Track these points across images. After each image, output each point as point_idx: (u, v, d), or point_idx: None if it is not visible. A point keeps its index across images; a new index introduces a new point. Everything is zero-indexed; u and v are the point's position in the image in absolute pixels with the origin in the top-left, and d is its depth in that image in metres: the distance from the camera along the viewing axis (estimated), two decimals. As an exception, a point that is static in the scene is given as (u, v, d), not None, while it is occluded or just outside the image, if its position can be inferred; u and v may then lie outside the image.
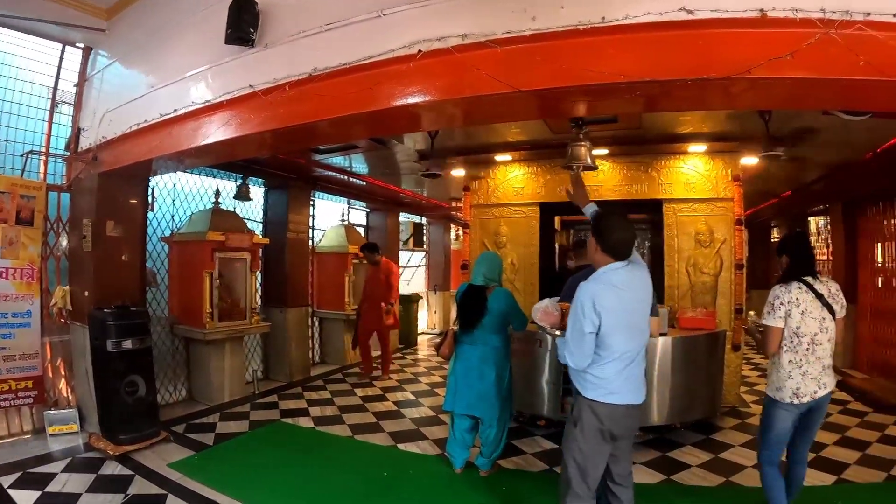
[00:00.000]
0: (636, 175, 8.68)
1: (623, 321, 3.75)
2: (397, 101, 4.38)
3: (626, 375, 3.81)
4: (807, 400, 4.35)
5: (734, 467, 6.24)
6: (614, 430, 3.84)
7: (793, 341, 4.39)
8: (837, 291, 4.52)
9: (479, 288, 5.82)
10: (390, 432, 7.32)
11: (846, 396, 9.38)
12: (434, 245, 17.73)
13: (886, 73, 3.58)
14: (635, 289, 3.85)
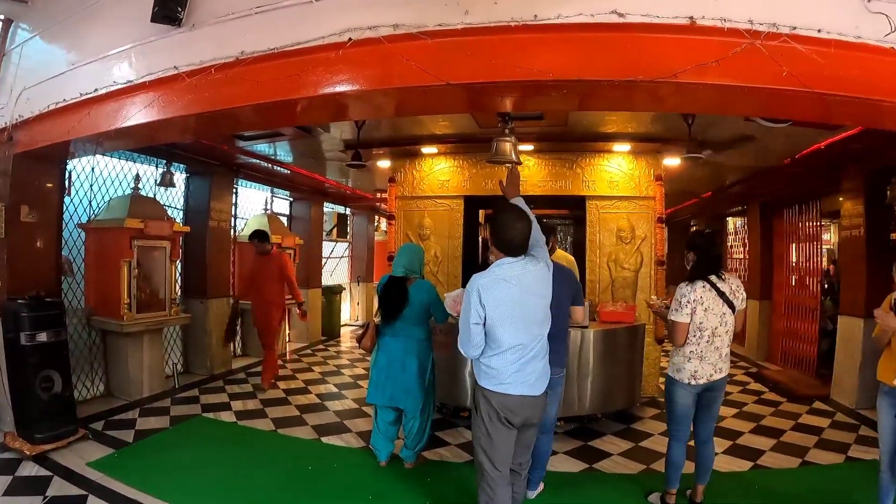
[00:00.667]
0: (561, 171, 8.79)
1: (511, 315, 3.80)
2: (325, 90, 4.30)
3: (521, 367, 3.88)
4: (703, 382, 4.71)
5: (654, 455, 6.41)
6: (510, 418, 3.93)
7: (696, 334, 4.70)
8: (738, 288, 4.84)
9: (400, 279, 5.78)
10: (314, 425, 7.24)
11: (761, 387, 9.79)
12: (358, 236, 17.63)
13: (807, 84, 3.76)
14: (527, 284, 3.87)
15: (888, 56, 3.88)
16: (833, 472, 6.17)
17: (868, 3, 3.84)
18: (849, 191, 8.97)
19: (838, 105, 4.17)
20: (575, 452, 6.51)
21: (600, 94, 4.22)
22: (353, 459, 6.20)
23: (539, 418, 4.17)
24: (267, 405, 8.06)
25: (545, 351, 4.05)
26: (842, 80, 3.86)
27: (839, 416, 8.10)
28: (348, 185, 13.30)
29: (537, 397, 4.00)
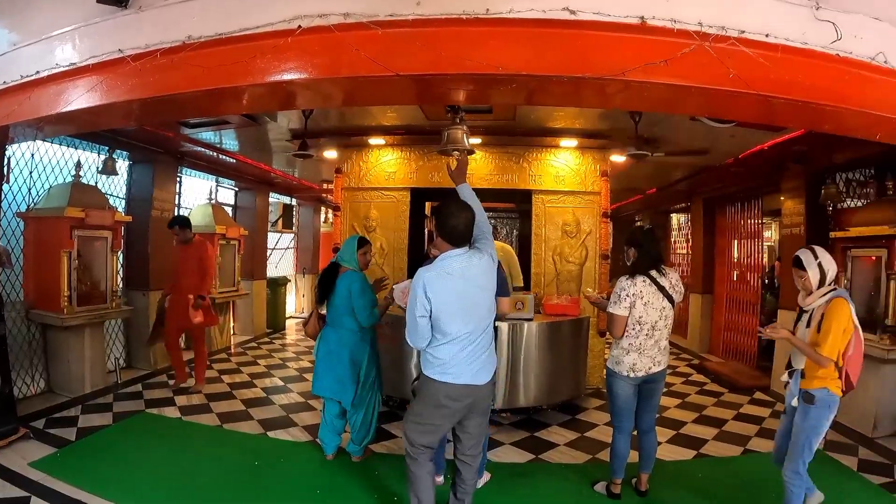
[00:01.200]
0: (508, 165, 8.87)
1: (456, 307, 3.91)
2: (273, 77, 4.23)
3: (465, 357, 3.97)
4: (642, 374, 4.85)
5: (599, 445, 6.51)
6: (453, 407, 4.05)
7: (634, 328, 4.80)
8: (677, 282, 4.97)
9: (334, 265, 5.82)
10: (260, 420, 7.12)
11: (703, 378, 10.06)
12: (303, 227, 17.40)
13: (753, 87, 3.88)
14: (471, 276, 3.96)
15: (833, 62, 4.05)
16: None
17: (816, 11, 3.99)
18: (790, 190, 9.21)
19: (783, 108, 4.30)
20: (521, 444, 6.54)
21: (550, 89, 4.26)
22: (300, 453, 6.13)
23: (483, 408, 4.23)
24: (212, 400, 7.89)
25: (490, 341, 4.16)
26: (787, 84, 3.98)
27: (779, 405, 8.29)
28: (295, 175, 13.12)
29: (482, 386, 4.08)
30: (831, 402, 4.36)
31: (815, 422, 4.41)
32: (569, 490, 5.44)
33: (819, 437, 4.47)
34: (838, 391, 4.35)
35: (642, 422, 5.13)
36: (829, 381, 4.33)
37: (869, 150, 6.82)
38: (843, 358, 4.30)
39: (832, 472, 6.02)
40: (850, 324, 4.28)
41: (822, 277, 4.46)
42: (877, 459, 6.37)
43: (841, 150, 7.43)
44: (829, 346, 4.21)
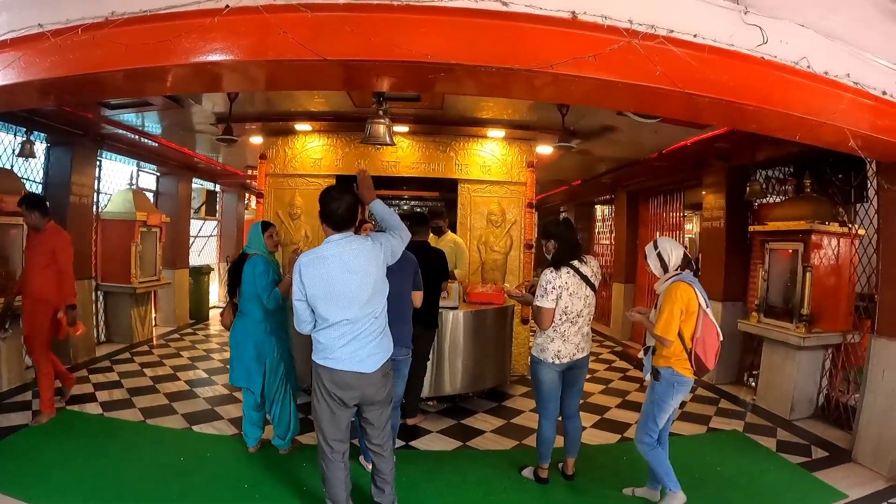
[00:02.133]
0: (434, 154, 8.89)
1: (332, 291, 3.87)
2: (198, 58, 4.08)
3: (349, 343, 3.95)
4: (566, 361, 4.94)
5: (526, 431, 6.59)
6: (341, 395, 4.01)
7: (560, 318, 4.87)
8: (598, 269, 5.11)
9: (242, 255, 5.69)
10: (184, 414, 6.91)
11: (626, 365, 10.30)
12: (227, 214, 17.04)
13: (678, 84, 3.98)
14: (347, 261, 3.91)
15: (757, 65, 4.21)
16: (696, 441, 6.63)
17: (744, 15, 4.13)
18: (711, 185, 9.50)
19: (707, 106, 4.45)
20: (448, 431, 6.57)
21: (479, 79, 4.25)
22: (225, 448, 5.97)
23: (380, 397, 4.17)
24: (134, 394, 7.59)
25: (378, 329, 4.10)
26: (712, 84, 4.11)
27: (700, 390, 8.68)
28: (219, 160, 12.82)
29: (370, 374, 4.03)
30: (676, 381, 4.61)
31: (659, 397, 4.70)
32: (497, 476, 5.47)
33: (664, 412, 4.72)
34: (686, 372, 4.59)
35: (567, 407, 5.23)
36: (674, 361, 4.60)
37: (789, 149, 7.12)
38: (692, 341, 4.53)
39: (752, 453, 6.29)
40: (690, 306, 4.53)
41: (662, 264, 4.79)
42: (795, 440, 6.68)
43: (762, 148, 7.68)
44: (661, 325, 4.52)
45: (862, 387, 6.11)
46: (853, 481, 5.55)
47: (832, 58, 4.53)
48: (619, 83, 4.02)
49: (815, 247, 7.18)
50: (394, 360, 4.54)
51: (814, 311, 7.17)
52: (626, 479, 5.29)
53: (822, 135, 5.02)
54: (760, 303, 7.93)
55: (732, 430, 6.96)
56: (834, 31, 4.54)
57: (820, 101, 4.52)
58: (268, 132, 8.93)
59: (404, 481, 5.12)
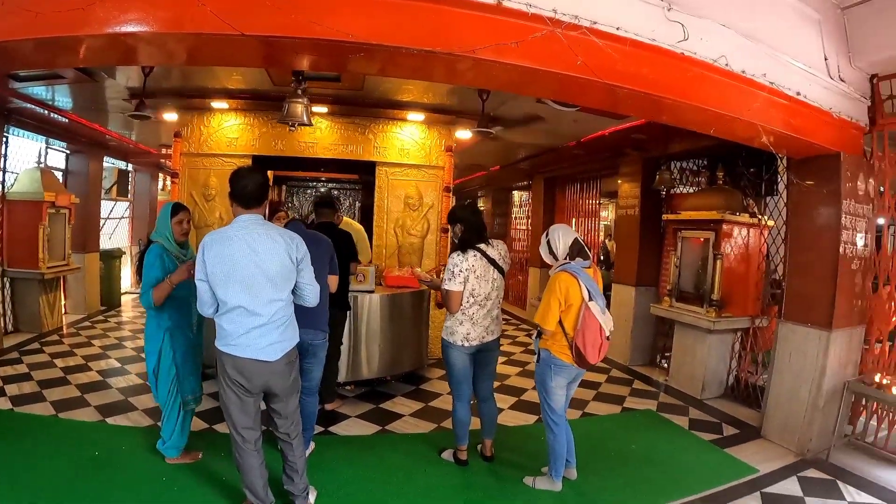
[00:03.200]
0: (353, 136, 8.75)
1: (231, 273, 3.78)
2: (113, 28, 3.86)
3: (250, 330, 3.85)
4: (476, 343, 5.03)
5: (444, 414, 6.63)
6: (244, 382, 3.92)
7: (468, 300, 4.96)
8: (506, 253, 5.19)
9: (149, 242, 5.10)
10: (97, 406, 6.58)
11: (544, 347, 10.28)
12: (140, 195, 16.35)
13: (598, 75, 4.06)
14: (252, 244, 3.83)
15: (677, 60, 4.34)
16: (611, 421, 6.87)
17: (668, 11, 4.24)
18: (627, 174, 9.71)
19: (626, 97, 4.54)
20: (367, 416, 6.54)
21: (400, 61, 4.20)
22: (142, 440, 5.70)
23: (285, 385, 4.11)
24: (45, 387, 7.15)
25: (283, 319, 4.00)
26: (632, 76, 4.21)
27: (615, 372, 8.97)
28: (132, 138, 12.33)
29: (271, 363, 3.94)
30: (553, 363, 4.75)
31: (540, 376, 4.89)
32: (417, 460, 5.49)
33: (550, 394, 4.85)
34: (565, 357, 4.69)
35: (481, 390, 5.32)
36: (551, 344, 4.75)
37: (704, 142, 7.31)
38: (574, 332, 4.62)
39: (666, 431, 6.54)
40: (570, 297, 4.59)
41: (551, 252, 4.81)
42: (706, 419, 6.97)
43: (678, 140, 7.90)
44: (539, 314, 4.68)
45: (770, 368, 6.45)
46: (763, 456, 5.84)
47: (750, 58, 4.71)
48: (541, 71, 4.05)
49: (726, 236, 7.47)
50: (311, 345, 4.79)
51: (724, 297, 7.45)
52: (543, 460, 5.29)
53: (736, 130, 5.25)
54: (673, 288, 8.18)
55: (646, 410, 7.19)
56: (755, 32, 4.73)
57: (736, 98, 4.70)
58: (183, 109, 8.61)
59: (324, 467, 5.10)
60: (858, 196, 5.96)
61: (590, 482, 5.16)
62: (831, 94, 5.55)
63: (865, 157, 6.10)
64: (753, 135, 5.16)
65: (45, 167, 10.64)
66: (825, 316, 5.83)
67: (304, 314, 4.36)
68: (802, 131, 5.33)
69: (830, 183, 5.84)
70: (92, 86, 7.62)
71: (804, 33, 5.34)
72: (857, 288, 6.04)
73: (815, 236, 6.02)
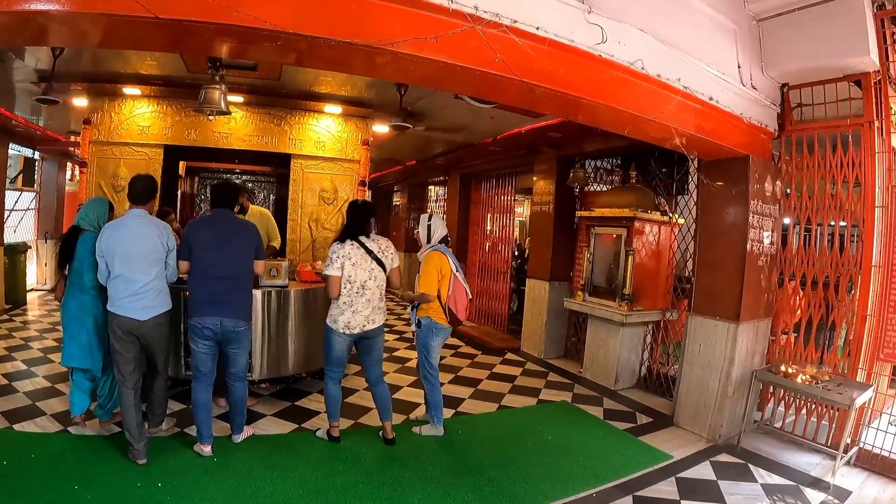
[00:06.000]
0: (268, 127, 8.67)
1: (116, 251, 4.96)
2: (21, 6, 3.72)
3: (128, 295, 4.99)
4: (357, 331, 5.47)
5: (360, 410, 6.67)
6: (125, 336, 5.03)
7: (346, 286, 5.41)
8: (387, 248, 5.64)
9: (74, 229, 5.60)
10: (3, 412, 6.19)
11: (458, 342, 10.54)
12: (47, 185, 15.54)
13: (516, 73, 4.14)
14: (133, 230, 5.03)
15: (594, 62, 4.47)
16: (527, 413, 7.00)
17: (588, 14, 4.35)
18: (542, 171, 9.89)
19: (543, 96, 4.61)
20: (283, 413, 6.49)
21: (318, 51, 4.14)
22: (51, 446, 5.47)
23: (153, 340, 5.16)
24: None
25: (157, 289, 5.13)
26: (550, 75, 4.30)
27: (530, 365, 9.14)
28: (39, 124, 11.89)
29: (144, 322, 5.03)
30: (434, 326, 5.80)
31: (424, 339, 5.86)
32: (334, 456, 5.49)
33: (430, 352, 5.86)
34: (442, 321, 5.78)
35: (370, 374, 5.78)
36: (431, 311, 5.78)
37: (618, 142, 7.53)
38: (447, 297, 5.71)
39: (581, 421, 6.70)
40: (443, 270, 5.72)
41: (427, 236, 5.93)
42: (620, 408, 7.19)
43: (593, 139, 8.07)
44: (422, 284, 5.69)
45: (681, 359, 6.72)
46: (677, 443, 6.09)
47: (666, 63, 4.87)
48: (459, 67, 4.07)
49: (637, 233, 7.70)
50: (234, 332, 5.26)
51: (635, 291, 7.68)
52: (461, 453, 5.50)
53: (650, 131, 5.42)
54: (586, 283, 8.36)
55: (562, 401, 7.34)
56: (672, 39, 4.90)
57: (650, 100, 4.85)
58: (94, 94, 8.26)
59: (241, 469, 5.08)
60: (766, 197, 6.25)
61: (507, 473, 5.23)
62: (743, 101, 5.82)
63: (774, 160, 6.41)
64: (666, 136, 5.34)
65: None
66: (733, 309, 6.12)
67: (227, 303, 5.18)
68: (714, 134, 5.56)
69: (739, 184, 6.11)
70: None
71: (719, 42, 5.57)
72: (763, 283, 6.34)
73: (724, 234, 6.29)
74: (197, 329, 5.19)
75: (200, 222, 5.63)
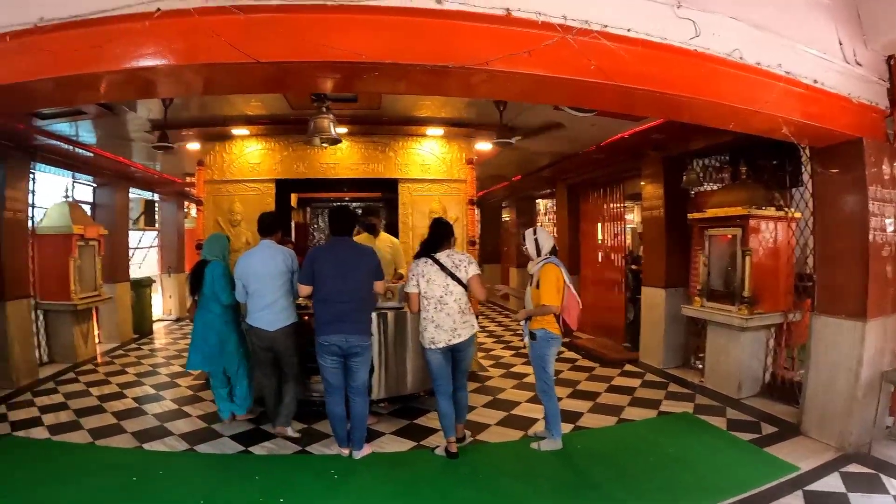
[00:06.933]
0: (373, 154, 8.85)
1: (251, 273, 6.06)
2: (130, 63, 3.97)
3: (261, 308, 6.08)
4: (442, 346, 5.66)
5: (478, 427, 6.63)
6: (258, 343, 6.23)
7: (424, 302, 5.71)
8: (461, 260, 5.76)
9: (202, 262, 6.67)
10: (133, 432, 6.61)
11: (575, 355, 10.43)
12: (167, 224, 16.30)
13: (612, 78, 4.08)
14: (263, 257, 6.11)
15: (690, 57, 4.34)
16: (647, 426, 6.81)
17: (677, 9, 4.24)
18: (650, 175, 9.66)
19: (642, 98, 4.54)
20: (401, 432, 6.54)
21: (414, 78, 4.25)
22: (178, 463, 5.80)
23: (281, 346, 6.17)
24: (81, 415, 7.22)
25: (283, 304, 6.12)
26: (646, 76, 4.22)
27: (649, 375, 8.90)
28: (156, 168, 12.48)
29: (272, 331, 6.07)
30: (549, 337, 5.82)
31: (539, 351, 5.88)
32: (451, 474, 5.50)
33: (546, 363, 5.88)
34: (556, 330, 5.81)
35: (455, 382, 5.89)
36: (545, 323, 5.80)
37: (723, 138, 7.29)
38: (560, 308, 5.72)
39: (703, 433, 6.45)
40: (559, 282, 5.73)
41: (537, 249, 5.96)
42: (744, 418, 6.86)
43: (697, 138, 7.85)
44: (546, 296, 5.67)
45: (806, 363, 6.32)
46: (803, 453, 5.73)
47: (764, 49, 4.68)
48: (555, 78, 4.08)
49: (753, 231, 7.38)
50: (359, 347, 5.64)
51: (755, 293, 7.36)
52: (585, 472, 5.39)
53: (755, 123, 5.21)
54: (703, 287, 8.11)
55: (683, 413, 7.10)
56: (765, 23, 4.70)
57: (752, 91, 4.67)
58: (205, 138, 8.74)
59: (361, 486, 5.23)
60: (884, 181, 5.83)
61: (627, 489, 5.11)
62: (849, 79, 5.46)
63: (888, 140, 5.93)
64: (773, 126, 5.13)
65: (72, 201, 10.81)
66: (858, 306, 5.72)
67: (351, 322, 5.58)
68: (822, 119, 5.26)
69: (854, 169, 5.74)
70: (114, 120, 7.77)
71: (815, 19, 5.27)
72: (890, 275, 5.90)
73: (843, 225, 5.91)
74: (324, 346, 5.60)
75: (320, 251, 5.94)
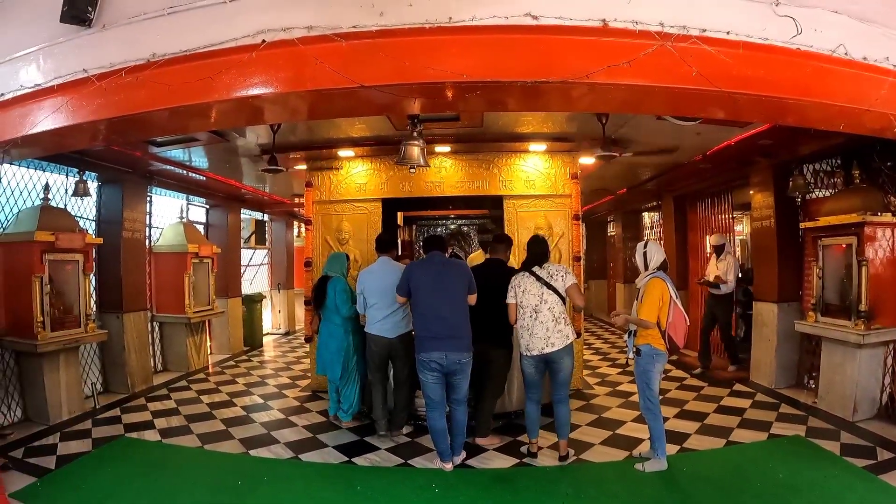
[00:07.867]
0: (478, 172, 8.93)
1: (372, 287, 6.72)
2: (238, 93, 4.25)
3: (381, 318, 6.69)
4: (536, 353, 5.93)
5: (583, 446, 6.58)
6: (376, 349, 6.81)
7: (520, 312, 6.05)
8: (557, 271, 6.06)
9: (324, 277, 7.49)
10: (240, 439, 7.03)
11: (683, 374, 10.11)
12: (277, 243, 17.12)
13: (715, 84, 3.98)
14: (382, 273, 6.69)
15: (793, 56, 4.18)
16: (756, 449, 6.50)
17: (776, 7, 4.10)
18: (758, 184, 9.37)
19: (747, 103, 4.41)
20: (504, 448, 6.56)
21: (514, 94, 4.31)
22: (282, 471, 6.04)
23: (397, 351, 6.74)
24: (192, 421, 7.75)
25: (400, 315, 6.67)
26: (749, 80, 4.10)
27: (760, 396, 8.51)
28: (266, 190, 12.96)
29: (391, 338, 6.69)
30: (654, 353, 5.76)
31: (644, 368, 5.84)
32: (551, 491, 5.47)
33: (651, 380, 5.81)
34: (661, 346, 5.74)
35: (554, 393, 6.11)
36: (651, 339, 5.75)
37: (834, 140, 7.01)
38: (665, 324, 5.70)
39: (815, 458, 6.11)
40: (664, 297, 5.73)
41: (644, 263, 6.07)
42: (859, 442, 6.46)
43: (806, 142, 7.52)
44: (644, 311, 5.72)
45: None
46: None
47: (869, 42, 4.45)
48: (656, 87, 4.05)
49: (870, 239, 7.02)
50: (459, 363, 5.83)
51: (872, 307, 6.97)
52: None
53: (866, 123, 4.93)
54: (817, 302, 7.75)
55: (794, 436, 6.76)
56: (867, 14, 4.46)
57: (860, 88, 4.44)
58: (312, 160, 9.08)
59: (461, 501, 5.28)
60: None
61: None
62: (964, 70, 5.15)
63: None
64: (884, 125, 4.86)
65: (187, 221, 11.55)
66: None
67: (450, 338, 5.80)
68: (940, 113, 4.97)
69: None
70: (225, 145, 8.19)
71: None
72: None
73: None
74: (425, 363, 5.85)
75: (417, 266, 6.32)
